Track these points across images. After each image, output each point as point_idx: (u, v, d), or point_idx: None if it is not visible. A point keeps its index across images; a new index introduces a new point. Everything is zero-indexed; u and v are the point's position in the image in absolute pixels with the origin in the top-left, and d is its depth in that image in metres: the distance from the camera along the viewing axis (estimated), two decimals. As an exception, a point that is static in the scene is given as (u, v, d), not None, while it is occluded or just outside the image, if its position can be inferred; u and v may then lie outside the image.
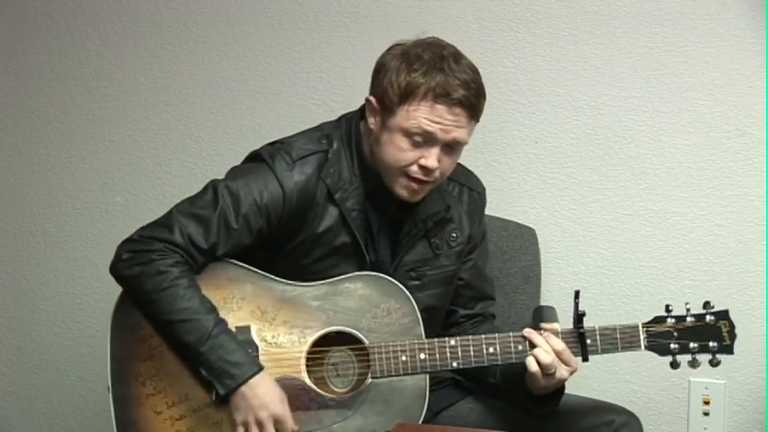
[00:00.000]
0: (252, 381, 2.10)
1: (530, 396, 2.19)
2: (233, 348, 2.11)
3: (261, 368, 2.12)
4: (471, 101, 2.13)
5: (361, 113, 2.25)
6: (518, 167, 2.83)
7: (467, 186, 2.35)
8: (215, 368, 2.10)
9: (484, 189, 2.41)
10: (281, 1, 2.94)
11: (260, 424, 2.10)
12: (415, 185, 2.16)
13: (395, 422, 2.12)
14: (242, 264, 2.21)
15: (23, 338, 3.22)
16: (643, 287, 2.78)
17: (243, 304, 2.18)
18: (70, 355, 3.17)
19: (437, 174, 2.15)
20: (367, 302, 2.18)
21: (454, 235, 2.29)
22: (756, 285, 2.71)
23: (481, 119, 2.80)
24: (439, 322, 2.32)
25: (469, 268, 2.36)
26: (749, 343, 2.68)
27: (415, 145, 2.13)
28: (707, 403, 2.76)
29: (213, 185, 2.22)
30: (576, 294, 2.13)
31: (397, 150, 2.13)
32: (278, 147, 2.24)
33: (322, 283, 2.20)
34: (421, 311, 2.20)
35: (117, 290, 2.22)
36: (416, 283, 2.25)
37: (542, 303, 2.71)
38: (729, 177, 2.71)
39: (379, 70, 2.16)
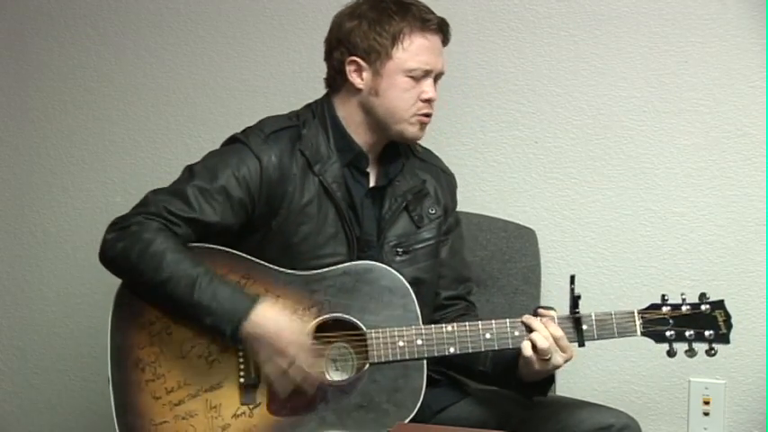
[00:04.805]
0: (255, 311, 2.11)
1: (519, 383, 2.21)
2: (226, 289, 2.12)
3: (258, 298, 2.13)
4: (443, 21, 2.29)
5: (327, 94, 2.34)
6: (518, 167, 2.83)
7: (439, 167, 2.44)
8: (213, 310, 2.10)
9: (453, 174, 2.48)
10: (281, 1, 2.94)
11: (283, 352, 2.10)
12: (425, 119, 2.28)
13: (395, 403, 2.14)
14: (238, 252, 2.21)
15: (23, 338, 3.22)
16: (643, 287, 2.78)
17: None
18: (70, 355, 3.17)
19: (433, 105, 2.28)
20: (364, 291, 2.19)
21: (431, 211, 2.34)
22: (756, 285, 2.71)
23: (481, 118, 2.83)
24: (429, 299, 2.33)
25: (447, 248, 2.39)
26: (749, 343, 2.68)
27: (415, 82, 2.23)
28: (707, 403, 2.76)
29: (189, 167, 2.28)
30: (572, 279, 2.16)
31: (402, 91, 2.24)
32: (250, 127, 2.31)
33: (320, 272, 2.21)
34: (409, 284, 2.23)
35: (116, 289, 2.22)
36: (404, 257, 2.29)
37: (542, 304, 2.71)
38: (729, 177, 2.71)
39: (350, 33, 2.26)
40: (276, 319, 2.12)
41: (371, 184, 2.32)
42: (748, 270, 2.72)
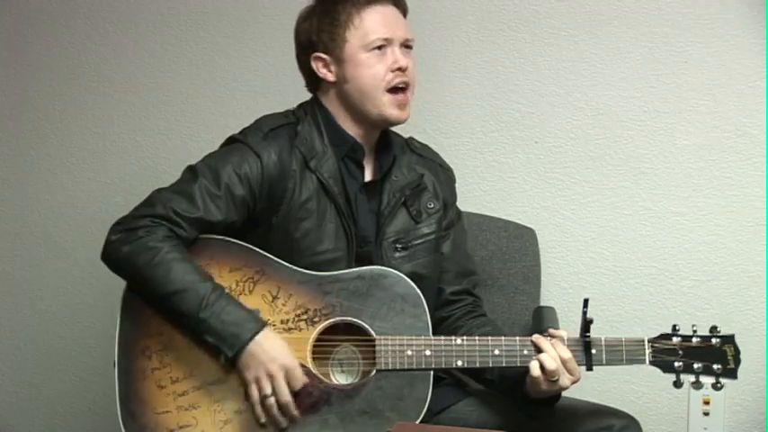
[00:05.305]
0: (257, 337, 2.11)
1: (525, 398, 2.20)
2: (233, 310, 2.13)
3: (264, 324, 2.13)
4: None
5: (313, 95, 2.36)
6: (518, 167, 2.83)
7: (437, 162, 2.44)
8: (218, 332, 2.11)
9: (452, 169, 2.48)
10: (281, 1, 2.94)
11: (271, 376, 2.11)
12: (400, 96, 2.28)
13: (398, 411, 2.14)
14: (254, 247, 2.22)
15: (23, 338, 3.22)
16: (643, 287, 2.78)
17: (254, 288, 2.20)
18: (70, 355, 3.17)
19: (410, 75, 2.28)
20: (377, 296, 2.19)
21: (430, 205, 2.35)
22: (756, 285, 2.71)
23: (481, 118, 2.83)
24: (431, 295, 2.31)
25: (449, 243, 2.39)
26: (749, 343, 2.66)
27: (379, 54, 2.26)
28: (707, 403, 2.76)
29: (190, 167, 2.29)
30: (585, 303, 2.13)
31: (368, 68, 2.26)
32: (247, 127, 2.33)
33: (334, 274, 2.21)
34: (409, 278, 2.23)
35: (117, 289, 2.22)
36: (404, 254, 2.29)
37: (542, 304, 2.72)
38: (729, 177, 2.72)
39: (307, 33, 2.32)
40: (274, 347, 2.13)
41: (367, 178, 2.32)
42: (748, 270, 2.72)
